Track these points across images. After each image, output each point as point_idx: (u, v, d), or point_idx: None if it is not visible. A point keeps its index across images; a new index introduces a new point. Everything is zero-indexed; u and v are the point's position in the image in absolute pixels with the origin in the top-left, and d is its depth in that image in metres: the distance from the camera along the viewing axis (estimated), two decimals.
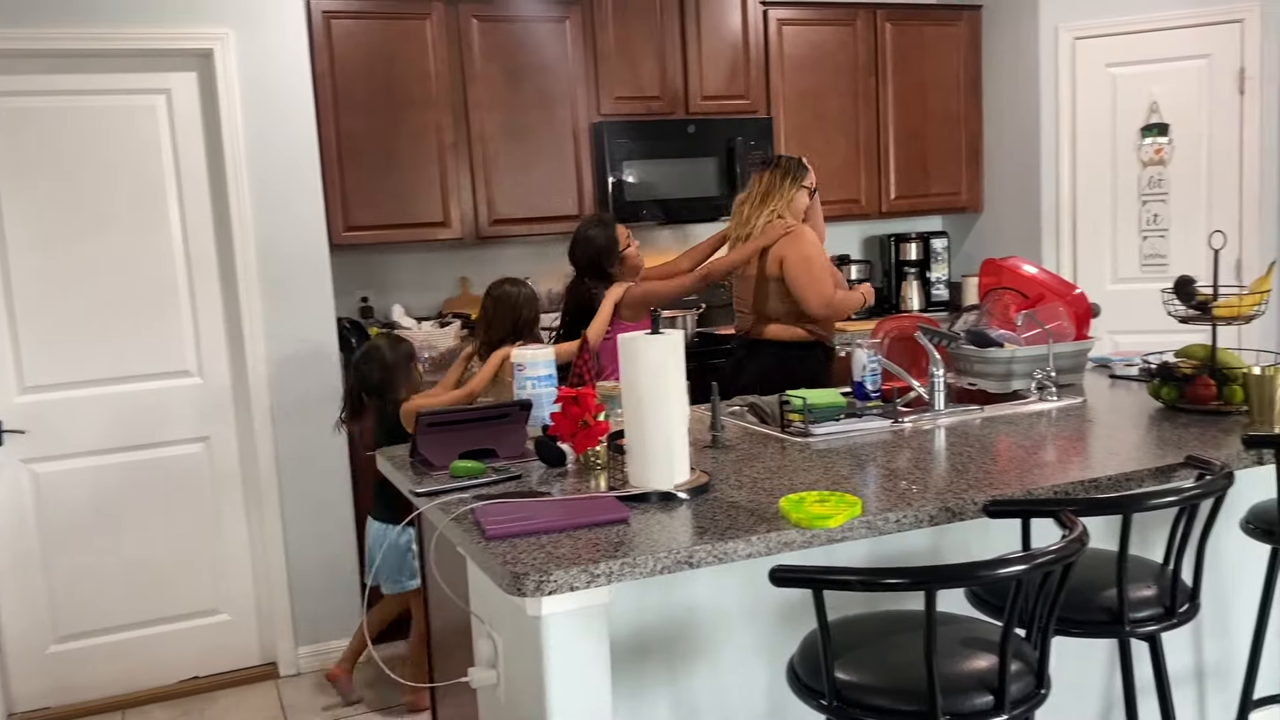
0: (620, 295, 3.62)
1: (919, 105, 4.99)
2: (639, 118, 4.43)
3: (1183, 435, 2.36)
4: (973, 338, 3.03)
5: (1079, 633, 1.96)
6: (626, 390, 2.01)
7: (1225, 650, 2.81)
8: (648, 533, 1.83)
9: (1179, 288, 2.63)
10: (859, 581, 1.55)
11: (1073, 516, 1.74)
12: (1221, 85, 4.50)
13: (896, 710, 1.59)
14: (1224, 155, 4.53)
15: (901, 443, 2.45)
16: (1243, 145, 4.49)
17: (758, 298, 3.65)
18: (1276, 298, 4.56)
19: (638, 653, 2.14)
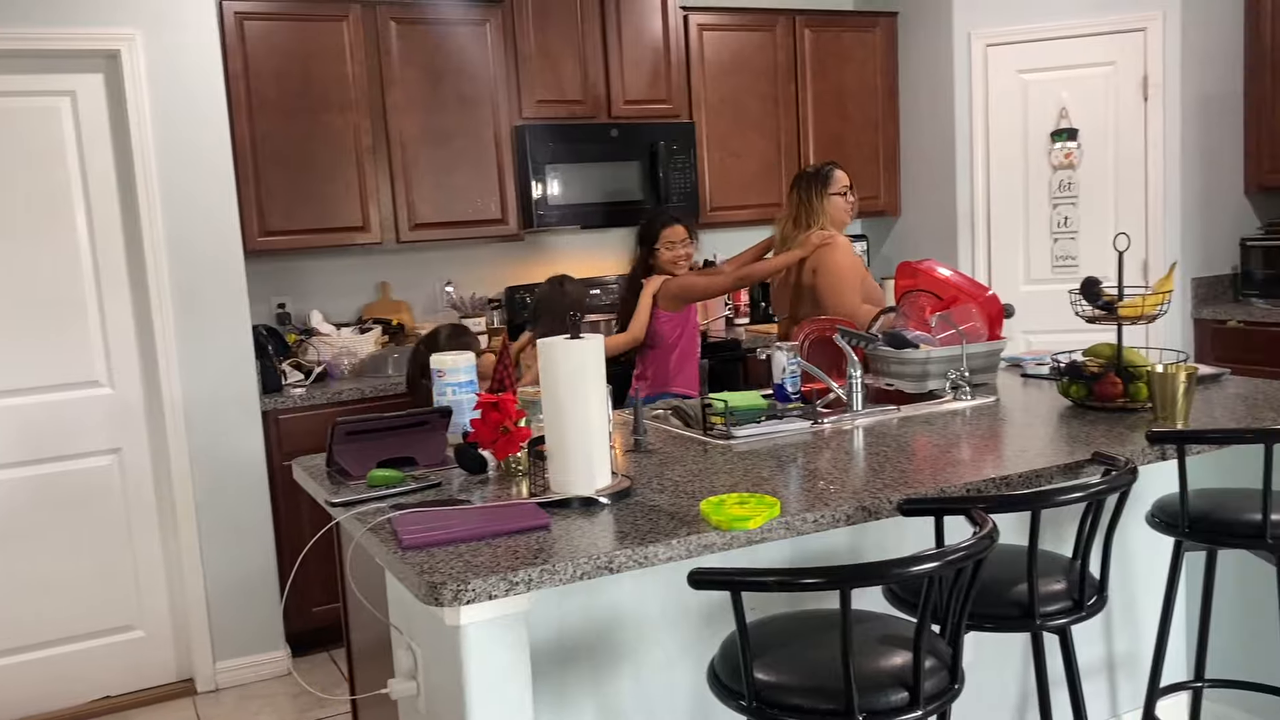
0: (658, 287, 3.80)
1: (838, 110, 5.07)
2: (561, 121, 4.42)
3: (1090, 432, 2.43)
4: (889, 339, 3.08)
5: (992, 627, 2.00)
6: (546, 396, 2.00)
7: (1134, 640, 2.90)
8: (568, 539, 1.82)
9: (1085, 288, 2.70)
10: (776, 582, 1.56)
11: (983, 514, 1.77)
12: (1126, 92, 4.65)
13: (814, 709, 1.61)
14: (1130, 159, 4.68)
15: (821, 443, 2.48)
16: (1147, 150, 4.64)
17: (793, 303, 3.76)
18: (1179, 297, 4.73)
19: (560, 659, 2.13)
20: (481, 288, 4.64)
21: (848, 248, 3.66)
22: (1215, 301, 4.79)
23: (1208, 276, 4.78)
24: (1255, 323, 4.45)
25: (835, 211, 3.70)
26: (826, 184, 3.70)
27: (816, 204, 3.68)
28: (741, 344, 4.60)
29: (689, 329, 3.89)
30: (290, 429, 3.82)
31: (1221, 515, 2.32)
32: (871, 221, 5.44)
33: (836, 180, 3.71)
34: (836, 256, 3.62)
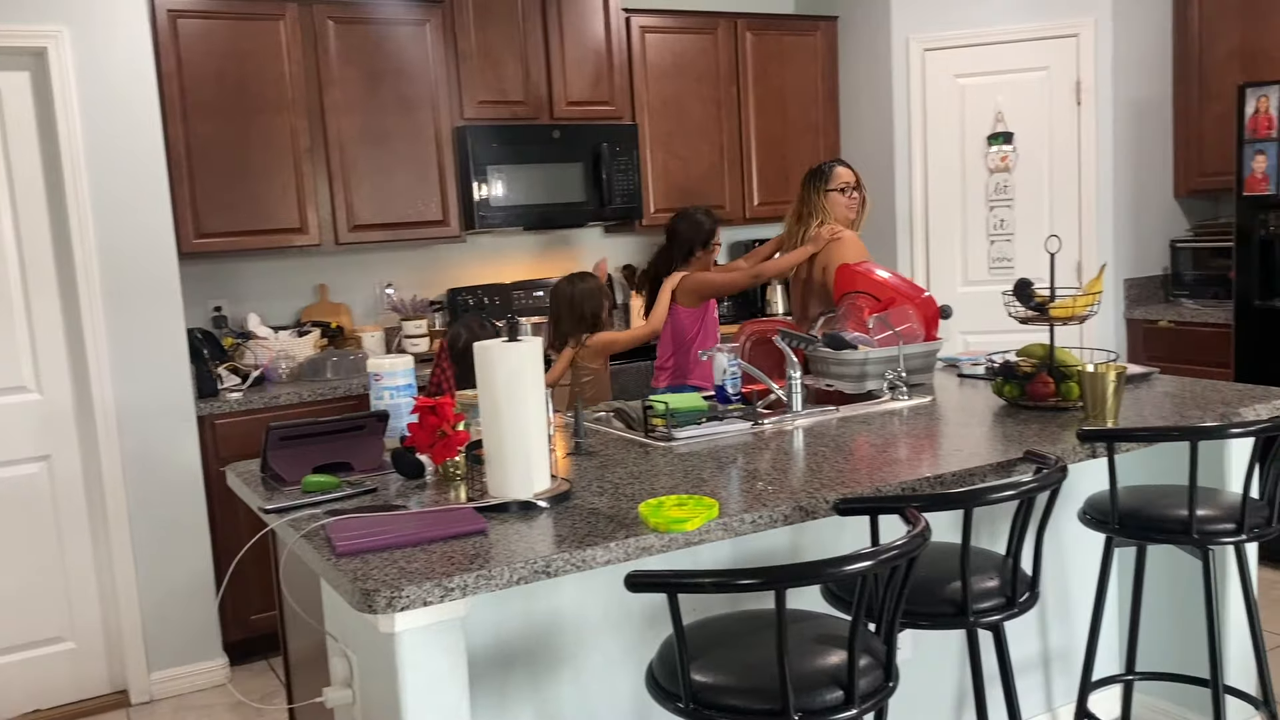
0: (677, 283, 3.90)
1: (779, 113, 5.10)
2: (503, 122, 4.40)
3: (1023, 431, 2.47)
4: (829, 340, 3.11)
5: (927, 625, 2.02)
6: (483, 399, 1.99)
7: (1069, 635, 2.96)
8: (505, 543, 1.81)
9: (1018, 290, 2.75)
10: (712, 584, 1.57)
11: (917, 512, 1.79)
12: (1060, 96, 4.74)
13: (751, 709, 1.61)
14: (1063, 163, 4.77)
15: (761, 444, 2.49)
16: (1080, 153, 4.74)
17: (805, 299, 3.82)
18: (1111, 298, 4.83)
19: (500, 663, 2.12)
20: (423, 290, 4.60)
21: (855, 244, 3.68)
22: (1147, 302, 4.90)
23: (1139, 278, 4.89)
24: (1185, 323, 4.56)
25: (835, 209, 3.74)
26: (826, 180, 3.74)
27: (817, 200, 3.74)
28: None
29: (707, 323, 3.97)
30: (227, 434, 3.76)
31: (1150, 512, 2.38)
32: None
33: (836, 177, 3.74)
34: (844, 251, 3.65)
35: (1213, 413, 2.55)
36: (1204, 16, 4.70)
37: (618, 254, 5.10)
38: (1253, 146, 4.10)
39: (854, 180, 3.76)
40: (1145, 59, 4.79)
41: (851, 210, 3.77)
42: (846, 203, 3.75)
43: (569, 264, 4.96)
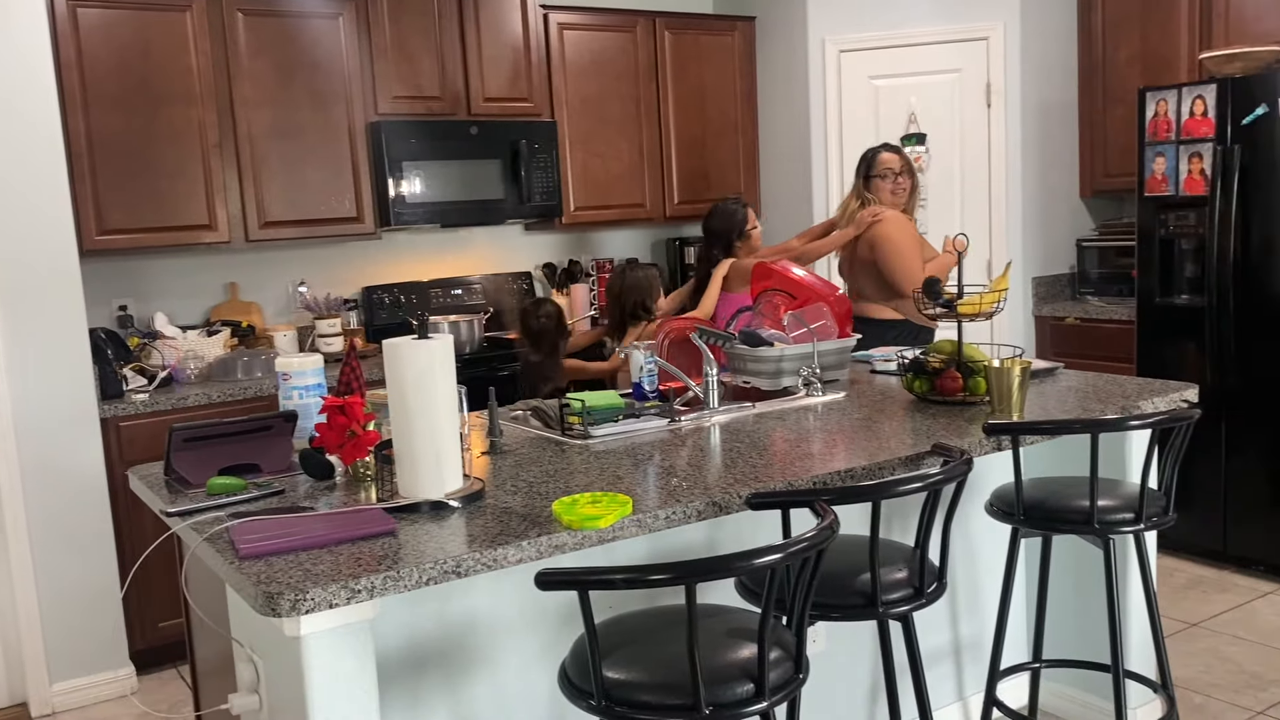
0: (727, 270, 4.01)
1: (699, 112, 5.13)
2: (419, 118, 4.35)
3: (932, 425, 2.52)
4: (745, 338, 3.13)
5: (838, 617, 2.05)
6: (393, 398, 1.96)
7: (979, 625, 3.02)
8: (415, 544, 1.79)
9: (927, 288, 2.80)
10: (622, 580, 1.57)
11: (826, 506, 1.82)
12: (971, 98, 4.85)
13: (663, 705, 1.61)
14: (974, 163, 4.88)
15: (677, 441, 2.50)
16: (990, 154, 4.85)
17: (855, 279, 3.90)
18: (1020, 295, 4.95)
19: (413, 665, 2.09)
20: (337, 288, 4.52)
21: (899, 221, 3.75)
22: (1054, 299, 5.04)
23: (1047, 276, 5.02)
24: (1090, 319, 4.70)
25: (881, 195, 3.82)
26: (869, 166, 3.83)
27: (859, 184, 3.87)
28: (607, 344, 4.60)
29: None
30: (132, 437, 3.64)
31: (1054, 503, 2.44)
32: None
33: (880, 163, 3.82)
34: (889, 230, 3.75)
35: (1113, 406, 2.63)
36: (1106, 22, 4.84)
37: (538, 252, 5.07)
38: (1153, 149, 4.24)
39: (898, 166, 3.82)
40: (1052, 63, 4.92)
41: (898, 196, 3.84)
42: (891, 188, 3.82)
43: (487, 262, 4.93)
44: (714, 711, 1.61)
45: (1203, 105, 4.04)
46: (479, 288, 4.80)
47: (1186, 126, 4.11)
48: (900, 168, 3.84)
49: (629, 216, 5.00)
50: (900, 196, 3.86)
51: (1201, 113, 4.03)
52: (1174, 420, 2.33)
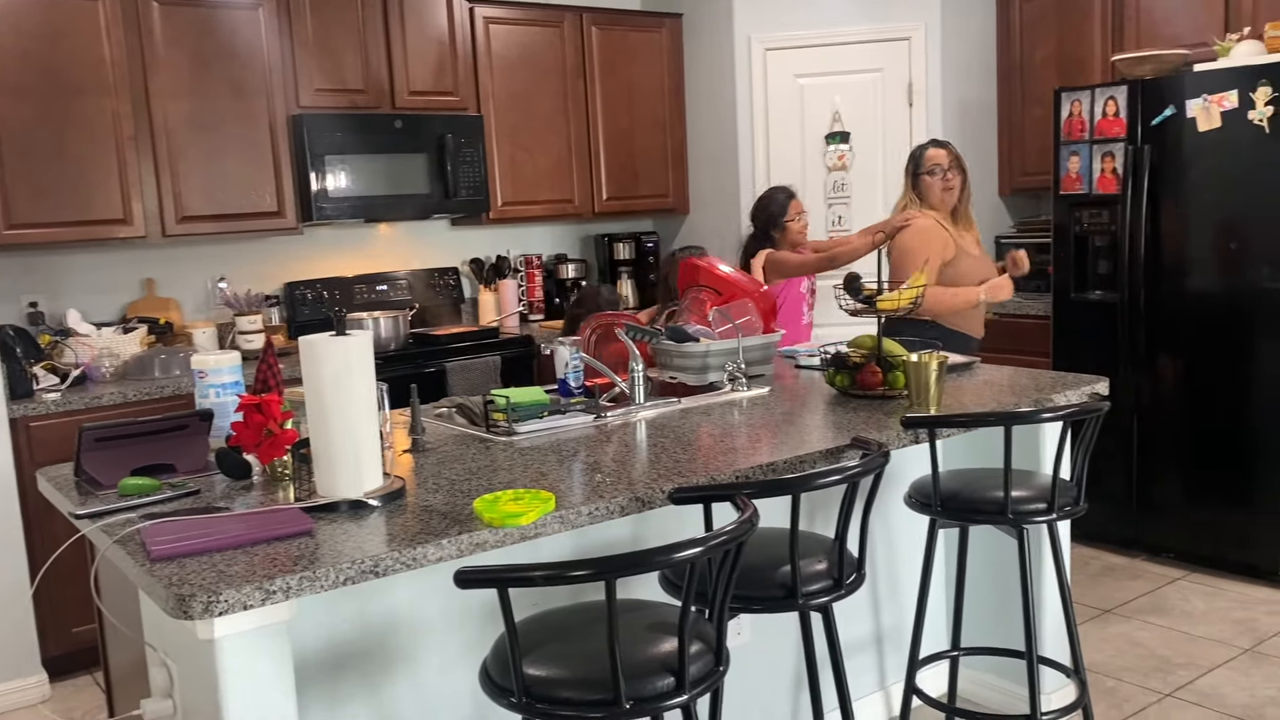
0: (763, 260, 4.05)
1: (626, 108, 5.13)
2: (342, 111, 4.28)
3: (853, 419, 2.55)
4: (671, 333, 3.14)
5: (760, 609, 2.07)
6: (310, 396, 1.93)
7: (900, 615, 3.08)
8: (333, 543, 1.76)
9: (848, 284, 2.84)
10: (542, 576, 1.56)
11: (747, 499, 1.84)
12: (893, 97, 4.92)
13: (583, 700, 1.62)
14: (897, 162, 4.92)
15: (603, 437, 2.50)
16: None
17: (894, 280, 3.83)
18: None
19: (332, 667, 2.06)
20: (258, 284, 4.44)
21: (919, 230, 3.63)
22: None
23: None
24: (1009, 315, 4.80)
25: (930, 192, 3.69)
26: (917, 164, 3.72)
27: (908, 183, 3.75)
28: (534, 340, 4.59)
29: (789, 300, 4.04)
30: (44, 437, 3.53)
31: (970, 494, 2.50)
32: (662, 219, 5.54)
33: (927, 160, 3.69)
34: (904, 238, 3.67)
35: (1027, 399, 2.70)
36: (1024, 23, 4.96)
37: (465, 247, 5.03)
38: (1068, 148, 4.35)
39: (947, 161, 3.67)
40: (972, 63, 5.02)
41: (949, 193, 3.69)
42: (942, 185, 3.67)
43: (413, 257, 4.87)
44: (634, 706, 1.61)
45: (1115, 106, 4.16)
46: (405, 284, 4.75)
47: (1100, 126, 4.22)
48: (949, 162, 3.69)
49: (558, 212, 4.99)
50: (951, 194, 3.70)
51: (1114, 113, 4.15)
52: (1084, 412, 2.40)
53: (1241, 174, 3.82)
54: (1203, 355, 4.00)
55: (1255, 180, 3.79)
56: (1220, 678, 3.23)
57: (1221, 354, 3.95)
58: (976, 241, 3.80)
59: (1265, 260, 3.79)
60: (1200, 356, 4.00)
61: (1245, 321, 3.86)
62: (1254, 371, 3.86)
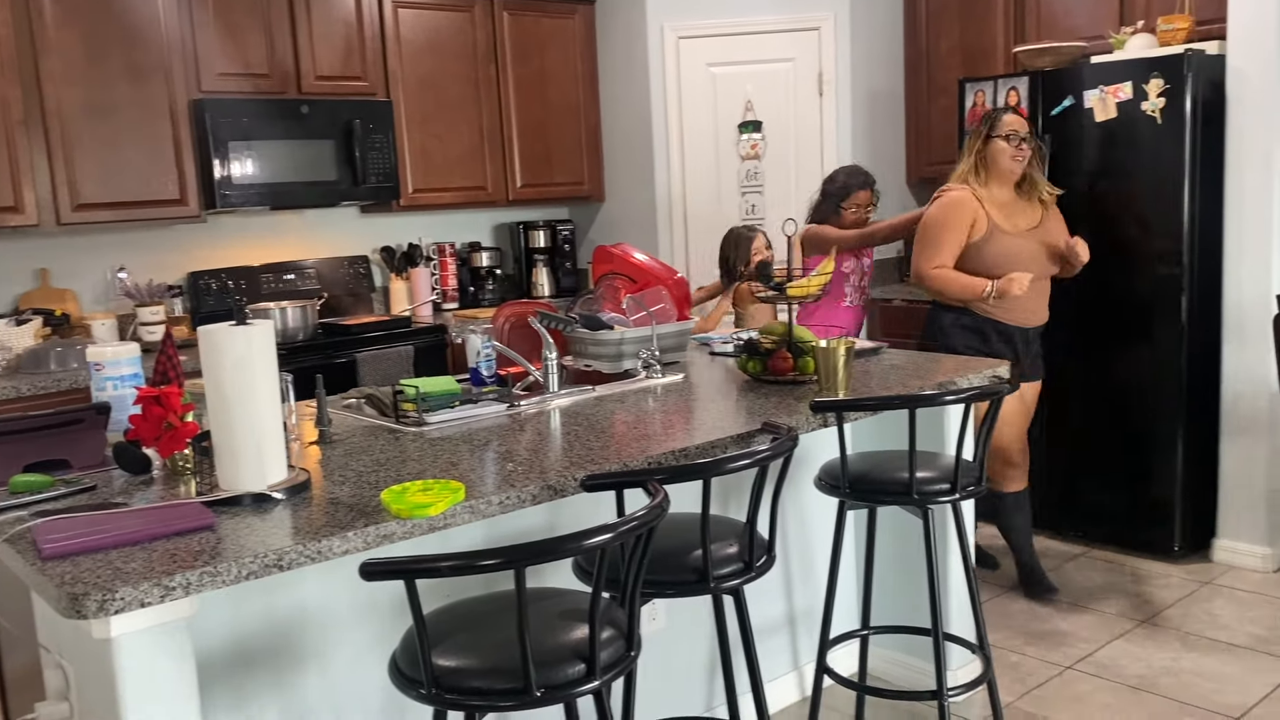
0: (801, 235, 4.01)
1: (540, 95, 5.10)
2: (246, 96, 4.17)
3: (764, 404, 2.59)
4: (586, 321, 3.14)
5: (673, 593, 2.09)
6: (210, 388, 1.88)
7: (812, 596, 3.13)
8: (235, 538, 1.72)
9: (759, 271, 2.87)
10: (449, 567, 1.55)
11: (658, 485, 1.85)
12: (804, 87, 4.98)
13: (493, 690, 1.61)
14: (808, 151, 5.02)
15: (516, 426, 2.49)
16: (823, 142, 5.00)
17: None
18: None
19: (239, 663, 2.02)
20: (160, 274, 4.30)
21: (947, 203, 3.52)
22: (884, 283, 5.24)
23: (877, 260, 5.20)
24: (917, 301, 4.90)
25: (999, 157, 3.50)
26: (991, 126, 3.51)
27: (972, 145, 3.56)
28: (448, 329, 4.55)
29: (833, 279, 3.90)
30: None
31: (877, 476, 2.55)
32: (578, 206, 5.53)
33: (1004, 124, 3.50)
34: (930, 211, 3.58)
35: (932, 383, 2.76)
36: (929, 14, 5.05)
37: (376, 235, 4.95)
38: None
39: (1025, 130, 3.50)
40: (880, 53, 5.10)
41: (1017, 162, 3.50)
42: (1012, 152, 3.48)
43: (322, 245, 4.78)
44: (545, 693, 1.61)
45: (1016, 96, 4.27)
46: (313, 273, 4.65)
47: None
48: (1026, 133, 3.51)
49: (470, 199, 4.93)
50: (1018, 164, 3.51)
51: (1015, 103, 4.26)
52: (985, 394, 2.46)
53: (1136, 163, 3.95)
54: (1099, 340, 4.13)
55: (1148, 169, 3.92)
56: (1118, 649, 3.36)
57: (1117, 339, 4.09)
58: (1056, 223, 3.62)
59: (1158, 247, 3.93)
60: (1096, 341, 4.14)
61: (1139, 306, 4.01)
62: (1148, 356, 4.00)
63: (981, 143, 3.54)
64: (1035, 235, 3.57)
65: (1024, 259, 3.50)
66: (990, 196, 3.54)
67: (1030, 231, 3.57)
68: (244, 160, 4.12)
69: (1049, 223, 3.61)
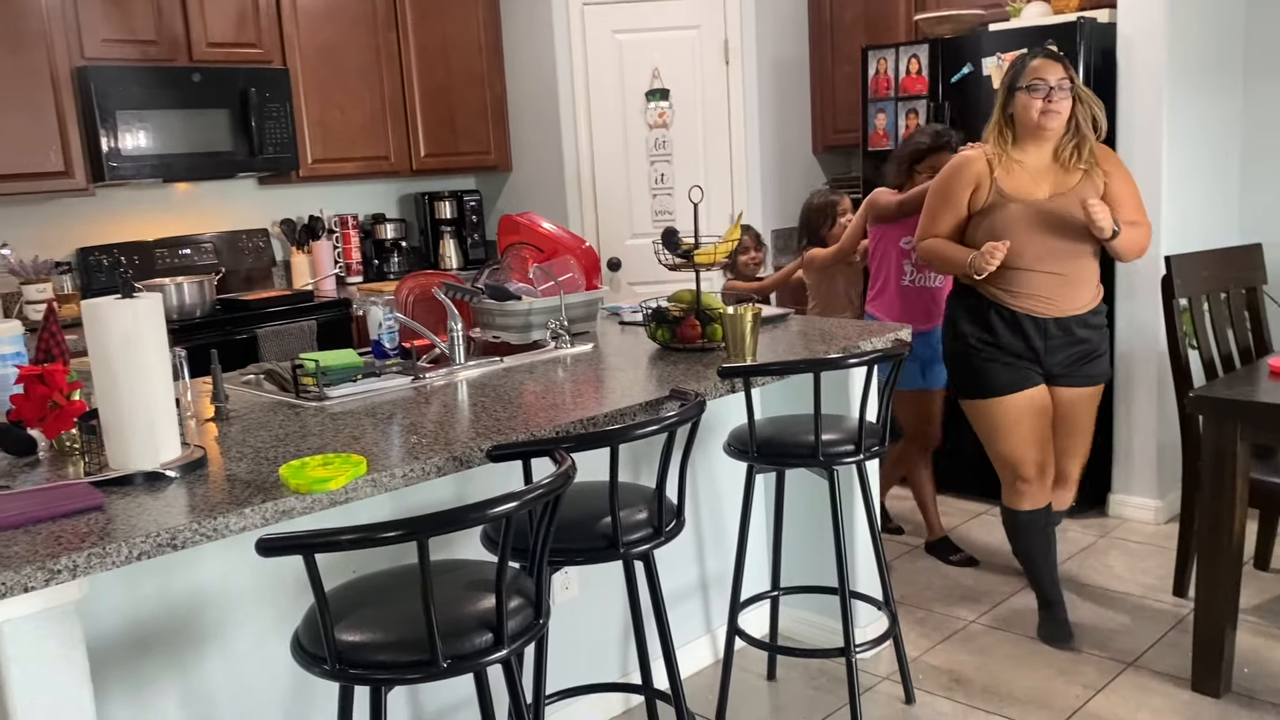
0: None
1: (443, 63, 5.00)
2: (133, 63, 4.00)
3: (673, 371, 2.59)
4: (492, 292, 3.10)
5: (582, 560, 2.09)
6: (96, 364, 1.81)
7: (724, 560, 3.16)
8: (126, 518, 1.67)
9: (665, 239, 2.87)
10: (350, 540, 1.52)
11: (564, 453, 1.84)
12: (710, 55, 4.97)
13: (399, 663, 1.59)
14: (715, 119, 5.02)
15: (421, 399, 2.45)
16: (730, 110, 5.00)
17: None
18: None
19: (136, 647, 1.96)
20: (46, 250, 4.12)
21: (950, 166, 3.07)
22: (791, 251, 5.28)
23: (785, 229, 5.26)
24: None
25: (1025, 114, 2.91)
26: (1016, 75, 2.92)
27: (1000, 100, 2.99)
28: (352, 303, 4.46)
29: (883, 254, 3.74)
30: None
31: (783, 439, 2.58)
32: (485, 176, 5.45)
33: (1029, 71, 2.89)
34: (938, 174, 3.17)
35: (836, 347, 2.80)
36: None
37: (275, 208, 4.82)
38: (875, 105, 4.51)
39: (1054, 78, 2.85)
40: (785, 21, 5.12)
41: (1050, 118, 2.87)
42: (1042, 107, 2.86)
43: (220, 219, 4.63)
44: (452, 664, 1.60)
45: (917, 64, 4.33)
46: (210, 247, 4.51)
47: (904, 84, 4.39)
48: (1058, 80, 2.86)
49: (373, 170, 4.83)
50: (1054, 120, 2.88)
51: (916, 71, 4.32)
52: (887, 357, 2.51)
53: None
54: None
55: None
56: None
57: None
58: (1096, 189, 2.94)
59: None
60: None
61: None
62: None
63: (1005, 94, 2.96)
64: (1052, 205, 2.93)
65: (1018, 231, 2.90)
66: (1017, 159, 2.96)
67: (1047, 200, 2.93)
68: (134, 131, 3.96)
69: (1083, 189, 2.93)
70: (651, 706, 2.45)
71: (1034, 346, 3.01)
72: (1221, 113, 4.20)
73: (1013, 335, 3.02)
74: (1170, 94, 3.86)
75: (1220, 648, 2.81)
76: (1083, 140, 2.93)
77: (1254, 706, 2.78)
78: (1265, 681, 2.89)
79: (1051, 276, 2.96)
